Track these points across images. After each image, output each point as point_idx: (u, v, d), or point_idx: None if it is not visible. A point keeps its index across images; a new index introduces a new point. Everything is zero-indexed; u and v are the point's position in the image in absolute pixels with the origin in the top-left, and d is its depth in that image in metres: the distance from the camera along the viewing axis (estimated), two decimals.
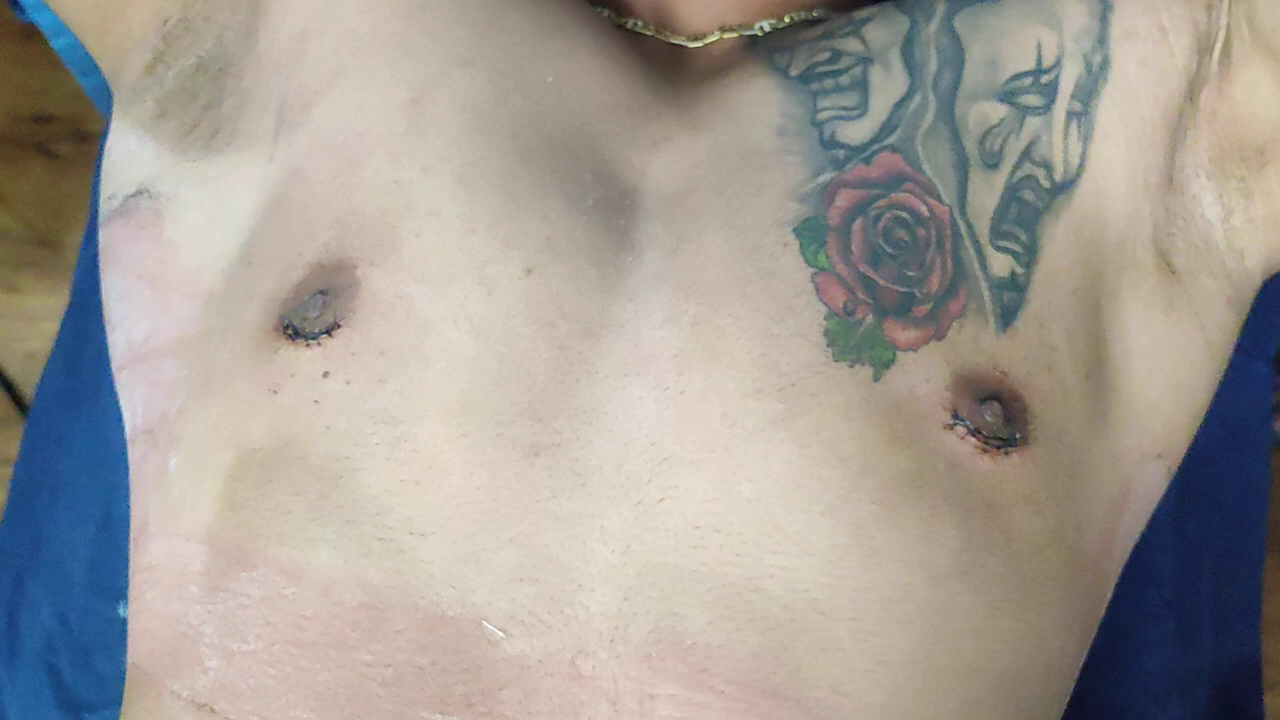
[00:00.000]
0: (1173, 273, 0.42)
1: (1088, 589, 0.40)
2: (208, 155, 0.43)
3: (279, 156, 0.41)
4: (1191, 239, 0.43)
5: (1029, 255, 0.38)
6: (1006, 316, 0.37)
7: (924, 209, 0.37)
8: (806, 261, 0.36)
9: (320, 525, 0.34)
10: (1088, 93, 0.40)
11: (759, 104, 0.40)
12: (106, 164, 0.45)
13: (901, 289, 0.36)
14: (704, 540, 0.33)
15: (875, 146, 0.38)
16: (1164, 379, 0.42)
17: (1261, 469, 0.60)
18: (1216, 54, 0.41)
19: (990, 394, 0.36)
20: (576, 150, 0.39)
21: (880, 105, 0.39)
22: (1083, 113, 0.40)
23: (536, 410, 0.35)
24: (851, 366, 0.35)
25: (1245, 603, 0.60)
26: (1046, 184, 0.39)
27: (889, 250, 0.37)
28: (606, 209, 0.38)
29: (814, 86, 0.40)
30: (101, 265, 0.45)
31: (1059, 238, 0.39)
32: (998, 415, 0.36)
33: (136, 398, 0.42)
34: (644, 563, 0.33)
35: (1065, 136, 0.39)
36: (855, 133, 0.39)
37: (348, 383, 0.35)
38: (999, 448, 0.36)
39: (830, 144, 0.38)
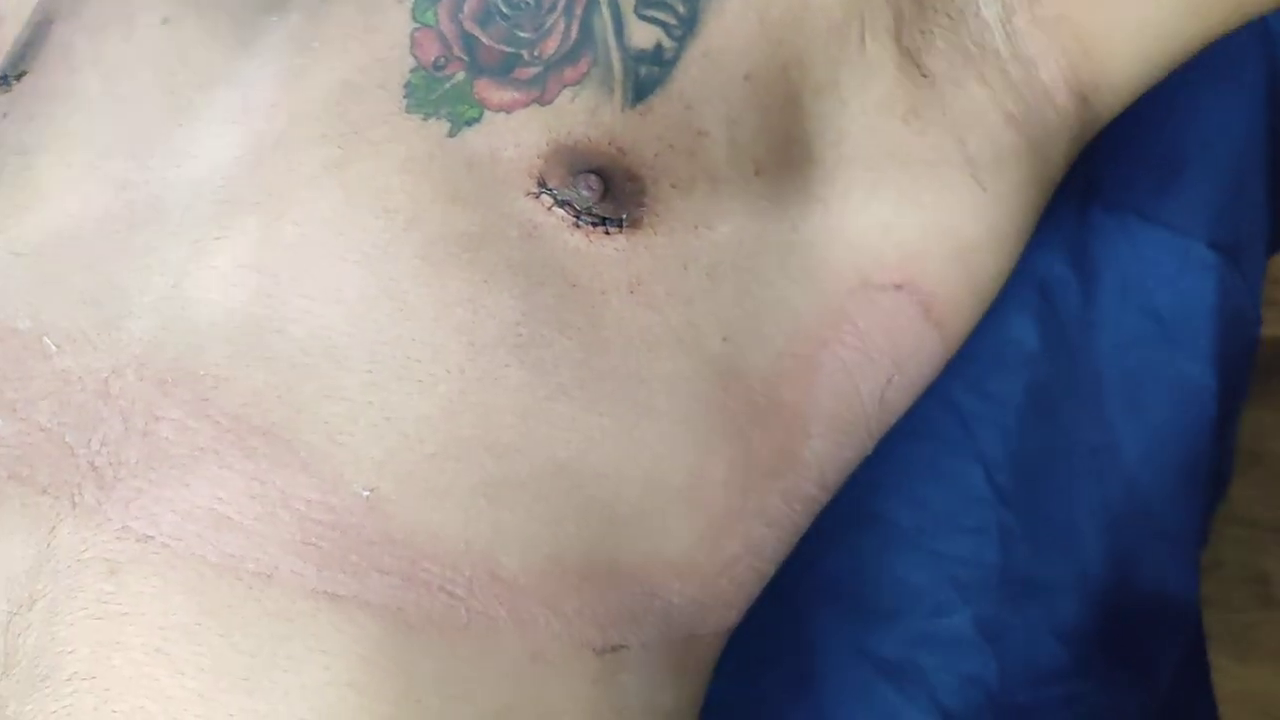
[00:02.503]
0: (924, 76, 0.37)
1: (754, 415, 0.36)
2: None
3: None
4: (959, 40, 0.38)
5: (684, 29, 0.35)
6: (640, 91, 0.35)
7: None
8: (413, 17, 0.35)
9: None
10: None
11: None
12: None
13: (507, 49, 0.34)
14: (244, 279, 0.34)
15: None
16: (898, 196, 0.37)
17: (1201, 372, 0.51)
18: None
19: (592, 168, 0.34)
20: None
21: None
22: None
23: (135, 149, 0.36)
24: (425, 120, 0.34)
25: (1173, 531, 0.52)
26: None
27: (504, 10, 0.35)
28: None
29: None
30: None
31: (730, 14, 0.35)
32: (594, 190, 0.33)
33: None
34: (189, 296, 0.34)
35: None
36: None
37: (12, 121, 0.38)
38: (596, 225, 0.34)
39: None
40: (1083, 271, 0.49)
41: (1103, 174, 0.43)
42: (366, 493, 0.32)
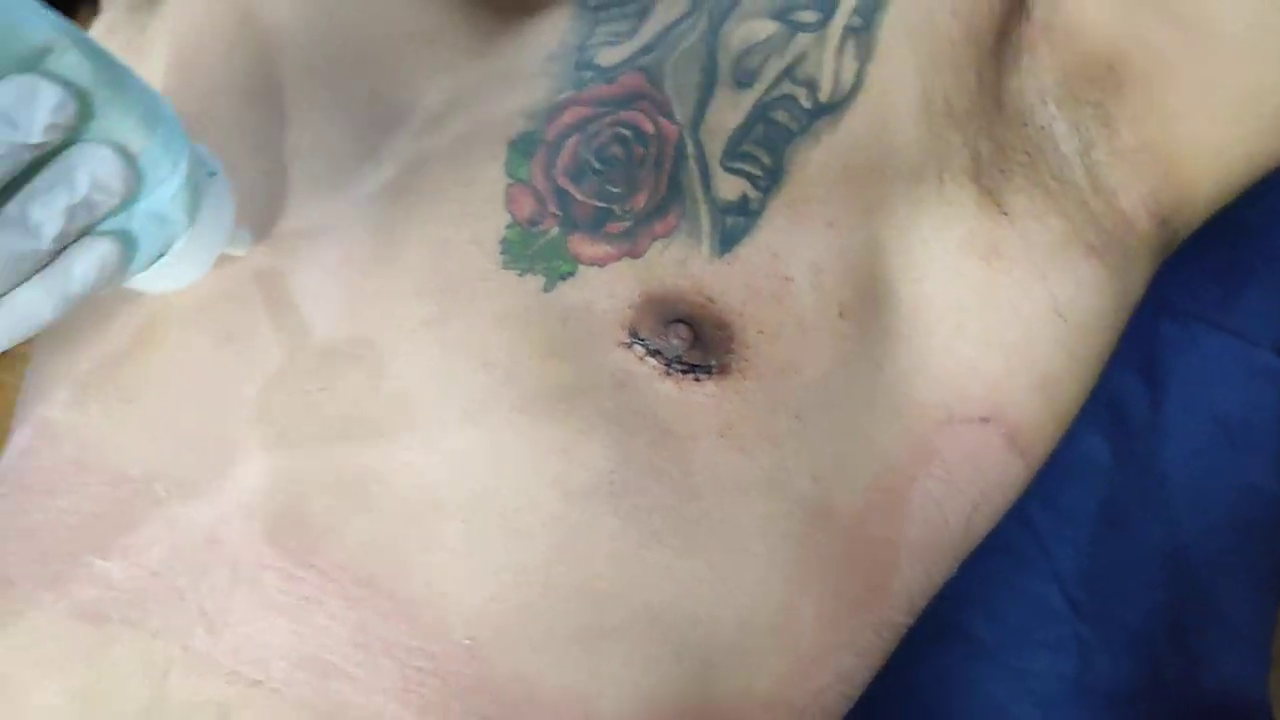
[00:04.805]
0: (1004, 213, 0.38)
1: (843, 551, 0.37)
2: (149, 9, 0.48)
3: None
4: (1038, 176, 0.38)
5: (769, 180, 0.36)
6: (727, 241, 0.35)
7: (650, 127, 0.36)
8: (507, 173, 0.36)
9: (64, 388, 0.38)
10: (871, 7, 0.37)
11: (545, 32, 0.41)
12: None
13: (599, 204, 0.35)
14: (349, 431, 0.34)
15: (624, 67, 0.38)
16: (982, 334, 0.38)
17: (1266, 477, 0.51)
18: None
19: (681, 317, 0.35)
20: (360, 71, 0.41)
21: (650, 29, 0.38)
22: (863, 28, 0.37)
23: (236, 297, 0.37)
24: (521, 275, 0.35)
25: (1241, 631, 0.52)
26: (808, 104, 0.36)
27: (596, 165, 0.36)
28: (368, 124, 0.40)
29: (601, 14, 0.40)
30: None
31: (815, 163, 0.36)
32: (684, 339, 0.34)
33: None
34: (295, 446, 0.35)
35: (839, 54, 0.37)
36: (612, 55, 0.38)
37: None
38: (686, 372, 0.35)
39: (583, 66, 0.38)
40: (1151, 382, 0.50)
41: (1171, 285, 0.44)
42: (467, 641, 0.33)
